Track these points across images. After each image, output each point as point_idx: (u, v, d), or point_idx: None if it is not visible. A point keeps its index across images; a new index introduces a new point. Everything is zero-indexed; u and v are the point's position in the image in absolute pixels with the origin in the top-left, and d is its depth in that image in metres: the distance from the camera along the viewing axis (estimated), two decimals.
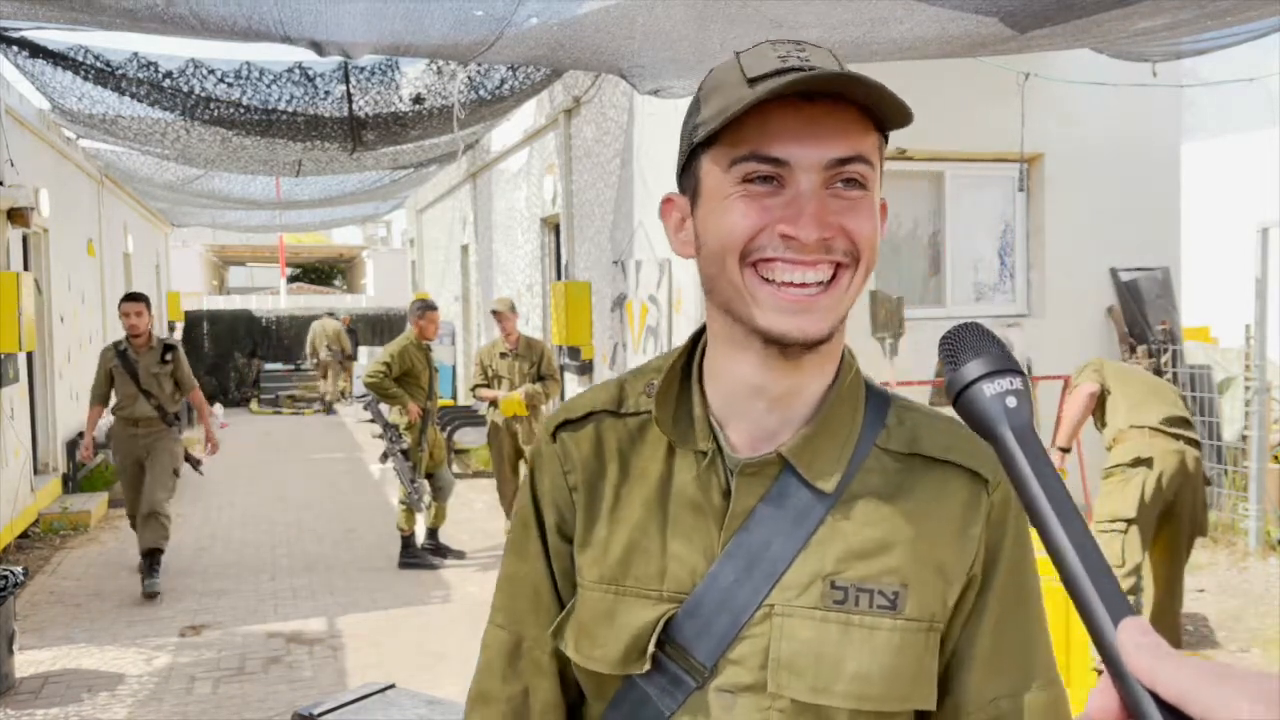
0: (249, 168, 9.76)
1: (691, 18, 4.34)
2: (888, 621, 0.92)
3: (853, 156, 0.89)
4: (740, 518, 0.95)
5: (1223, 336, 9.38)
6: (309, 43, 4.82)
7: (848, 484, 0.96)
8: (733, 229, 0.90)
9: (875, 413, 1.00)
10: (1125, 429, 4.41)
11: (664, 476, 0.99)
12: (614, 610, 0.97)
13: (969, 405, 0.67)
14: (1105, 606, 0.55)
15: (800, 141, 0.88)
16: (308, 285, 33.40)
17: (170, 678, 4.93)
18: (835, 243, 0.89)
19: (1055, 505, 0.59)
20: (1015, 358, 0.69)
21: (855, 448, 0.97)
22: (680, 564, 0.96)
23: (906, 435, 0.99)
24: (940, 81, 6.82)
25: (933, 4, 3.91)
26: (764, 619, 0.93)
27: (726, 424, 0.98)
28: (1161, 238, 7.75)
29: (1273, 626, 5.22)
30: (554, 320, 8.82)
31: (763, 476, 0.95)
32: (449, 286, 15.53)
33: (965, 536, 0.95)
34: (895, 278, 7.35)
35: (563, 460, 1.03)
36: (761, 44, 0.93)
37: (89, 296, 10.68)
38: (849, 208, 0.90)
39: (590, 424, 1.03)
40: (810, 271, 0.89)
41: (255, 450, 12.88)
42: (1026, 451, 0.63)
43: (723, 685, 0.93)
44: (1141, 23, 4.38)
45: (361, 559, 7.15)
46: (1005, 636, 0.96)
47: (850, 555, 0.93)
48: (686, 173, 0.97)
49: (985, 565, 0.96)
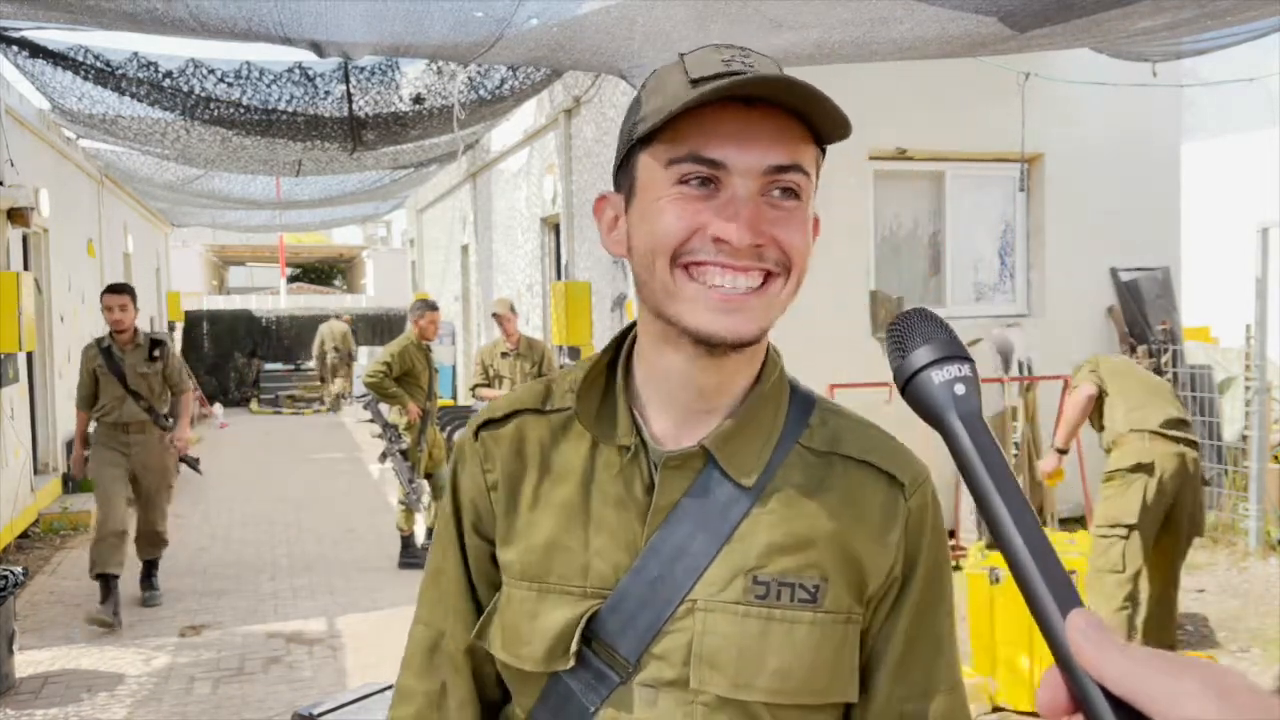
0: (249, 168, 9.76)
1: (691, 18, 4.34)
2: (808, 615, 0.93)
3: (790, 165, 0.90)
4: (664, 512, 0.95)
5: (1223, 336, 9.38)
6: (309, 44, 4.82)
7: (769, 480, 0.96)
8: (666, 230, 0.90)
9: (799, 412, 1.01)
10: (1125, 433, 4.38)
11: (586, 472, 0.99)
12: (538, 608, 0.97)
13: (916, 393, 0.66)
14: (1053, 596, 0.54)
15: (739, 145, 0.88)
16: (308, 285, 33.39)
17: (170, 678, 4.93)
18: (767, 251, 0.90)
19: (1003, 494, 0.58)
20: (962, 342, 0.68)
21: (777, 445, 0.98)
22: (603, 559, 0.96)
23: (828, 435, 1.00)
24: (940, 81, 6.82)
25: (932, 4, 3.91)
26: (687, 614, 0.93)
27: (651, 419, 0.99)
28: (1161, 238, 7.75)
29: (1273, 626, 5.22)
30: (554, 320, 8.81)
31: (686, 470, 0.96)
32: (449, 286, 15.53)
33: (883, 539, 0.96)
34: (895, 278, 7.35)
35: (483, 459, 1.04)
36: (706, 47, 0.93)
37: (89, 296, 10.68)
38: (783, 218, 0.91)
39: (513, 422, 1.04)
40: (741, 277, 0.90)
41: (255, 450, 12.89)
42: (975, 440, 0.62)
43: (646, 680, 0.94)
44: (1141, 22, 4.38)
45: (361, 559, 7.15)
46: (917, 641, 0.97)
47: (772, 550, 0.94)
48: (623, 170, 0.97)
49: (904, 570, 0.97)
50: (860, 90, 6.75)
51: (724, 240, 0.88)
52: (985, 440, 0.61)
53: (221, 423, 15.50)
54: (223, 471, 11.07)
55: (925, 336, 0.67)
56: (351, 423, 15.34)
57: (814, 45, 4.66)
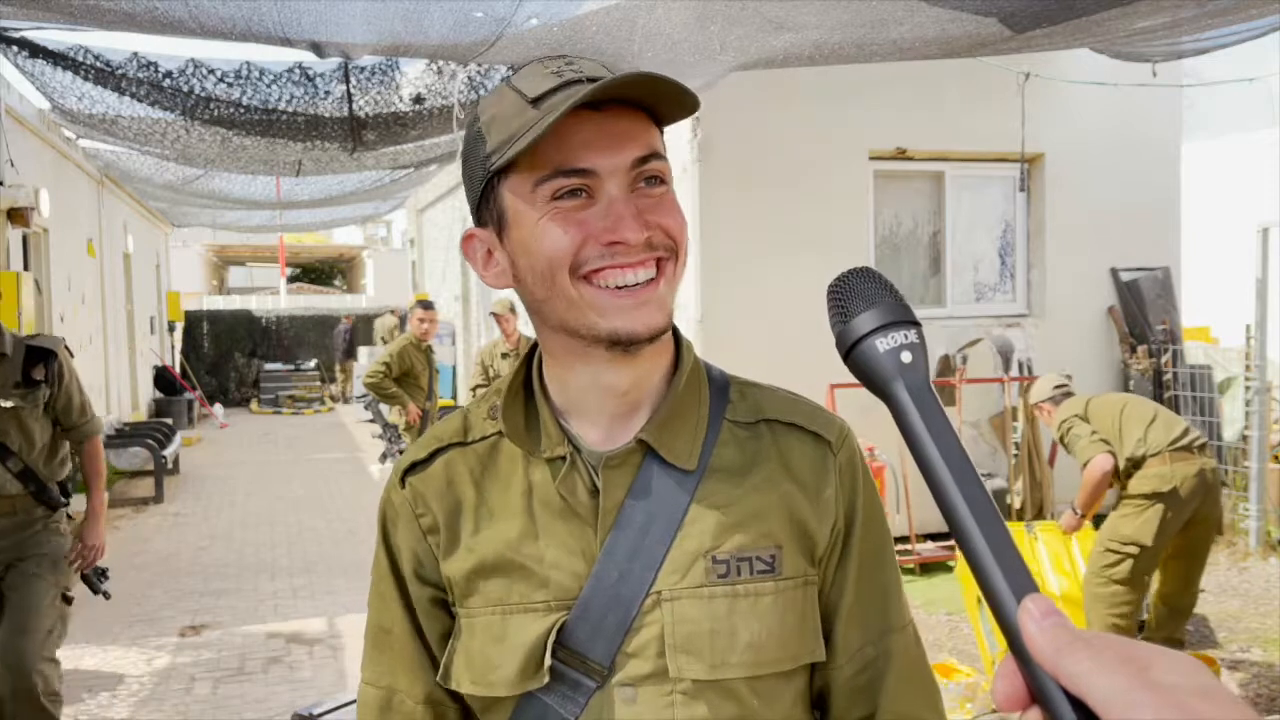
0: (249, 168, 9.75)
1: (691, 18, 4.34)
2: (770, 585, 0.96)
3: (650, 154, 0.92)
4: (612, 512, 0.96)
5: (1223, 336, 9.38)
6: (308, 44, 4.82)
7: (708, 460, 0.99)
8: (555, 247, 0.91)
9: (718, 390, 1.04)
10: (1140, 458, 4.26)
11: (526, 491, 0.99)
12: (504, 630, 0.96)
13: (860, 362, 0.62)
14: (1006, 580, 0.50)
15: (601, 150, 0.90)
16: (308, 285, 33.40)
17: (170, 678, 4.93)
18: (655, 239, 0.92)
19: (952, 468, 0.55)
20: (909, 306, 0.64)
21: (707, 426, 1.00)
22: (561, 571, 0.96)
23: (751, 406, 1.03)
24: (940, 81, 6.82)
25: (932, 5, 3.91)
26: (654, 607, 0.94)
27: (580, 426, 1.00)
28: (1161, 238, 7.75)
29: (1273, 627, 5.22)
30: None
31: (627, 466, 0.97)
32: (449, 286, 15.53)
33: (820, 497, 0.99)
34: (895, 278, 7.31)
35: (414, 505, 1.03)
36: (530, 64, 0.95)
37: (89, 296, 10.68)
38: (657, 204, 0.93)
39: (438, 460, 1.03)
40: (641, 270, 0.92)
41: (255, 450, 12.89)
42: (923, 411, 0.58)
43: (623, 680, 0.94)
44: (1141, 22, 4.38)
45: (362, 559, 7.15)
46: (866, 587, 1.01)
47: (725, 528, 0.96)
48: (484, 204, 0.97)
49: (845, 523, 1.01)
50: (860, 90, 6.75)
51: (619, 242, 0.90)
52: (934, 413, 0.58)
53: (221, 423, 15.50)
54: (223, 471, 11.08)
55: (869, 300, 0.63)
56: (352, 423, 15.35)
57: (813, 46, 4.66)
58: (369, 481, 10.35)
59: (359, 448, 12.78)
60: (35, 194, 7.46)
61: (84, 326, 10.42)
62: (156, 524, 8.47)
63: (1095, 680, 0.43)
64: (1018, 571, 0.51)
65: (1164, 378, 7.43)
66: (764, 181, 6.61)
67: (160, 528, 8.31)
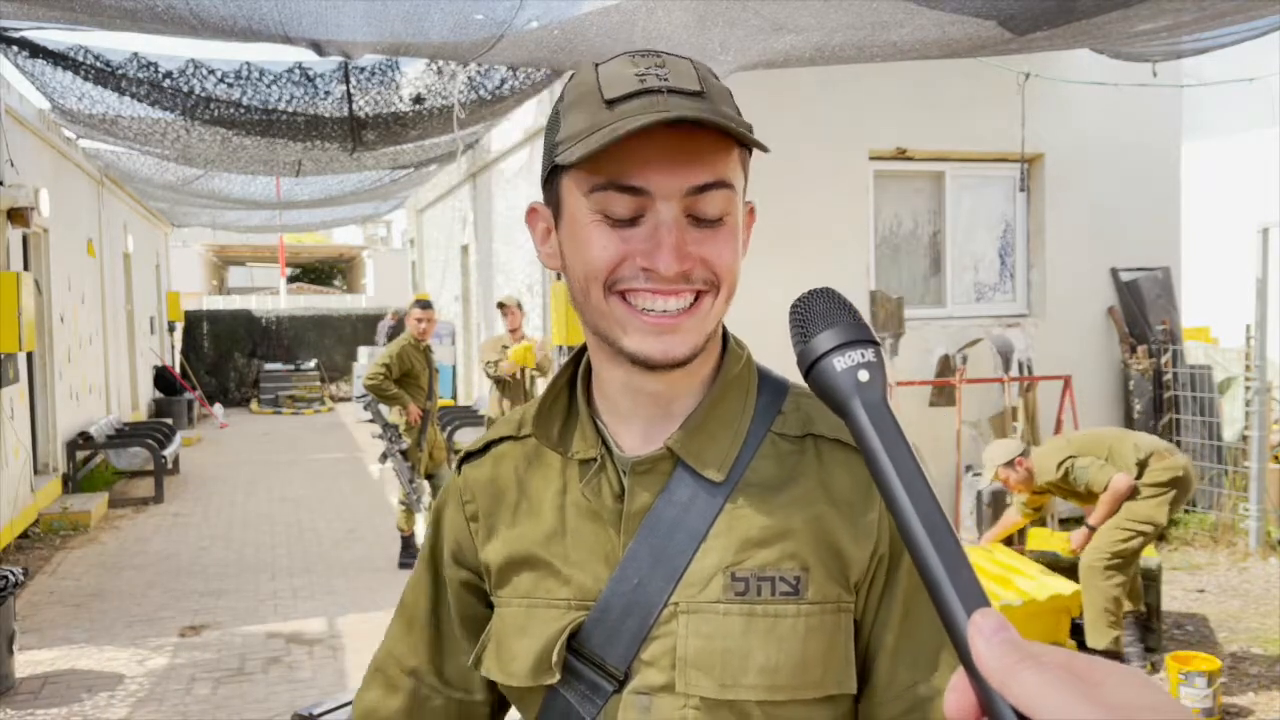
0: (249, 168, 9.75)
1: (692, 20, 4.34)
2: (791, 608, 0.92)
3: (713, 183, 0.88)
4: (637, 518, 0.95)
5: (1223, 336, 9.38)
6: (309, 43, 4.82)
7: (743, 473, 0.95)
8: (594, 260, 0.90)
9: (770, 400, 1.00)
10: (1144, 460, 4.64)
11: (561, 490, 1.00)
12: (527, 623, 0.98)
13: (819, 380, 0.64)
14: (958, 594, 0.51)
15: (659, 170, 0.87)
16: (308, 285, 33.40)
17: (170, 678, 4.93)
18: (695, 273, 0.89)
19: (907, 484, 0.56)
20: (868, 325, 0.66)
21: (747, 436, 0.97)
22: (583, 572, 0.96)
23: (801, 419, 0.98)
24: (940, 81, 6.82)
25: (932, 7, 3.91)
26: (670, 618, 0.92)
27: (617, 428, 0.99)
28: (1161, 238, 7.75)
29: (1273, 627, 5.23)
30: (554, 320, 8.82)
31: (655, 474, 0.95)
32: (449, 286, 15.52)
33: (860, 519, 0.94)
34: (895, 278, 7.35)
35: (463, 491, 1.06)
36: (620, 56, 0.92)
37: (89, 296, 10.68)
38: (708, 237, 0.90)
39: (490, 452, 1.06)
40: (672, 300, 0.90)
41: (255, 450, 12.89)
42: (879, 428, 0.59)
43: (638, 688, 0.93)
44: (1141, 25, 4.38)
45: (361, 559, 7.15)
46: (915, 620, 0.95)
47: (749, 544, 0.93)
48: (549, 186, 0.96)
49: (890, 548, 0.95)
50: (860, 90, 6.75)
51: (652, 270, 0.88)
52: (890, 430, 0.59)
53: (221, 423, 15.51)
54: (223, 471, 11.08)
55: (828, 320, 0.65)
56: (352, 423, 15.35)
57: (814, 48, 4.66)
58: (369, 481, 10.34)
59: (359, 448, 12.78)
60: (35, 194, 7.46)
61: (84, 326, 10.42)
62: (156, 524, 8.47)
63: (1043, 698, 0.43)
64: (970, 586, 0.51)
65: (1164, 378, 7.43)
66: (764, 181, 6.61)
67: (160, 528, 8.31)
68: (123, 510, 9.02)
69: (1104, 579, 4.50)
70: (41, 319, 8.52)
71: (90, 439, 9.58)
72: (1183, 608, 5.55)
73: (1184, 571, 6.27)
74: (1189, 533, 6.92)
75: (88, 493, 9.22)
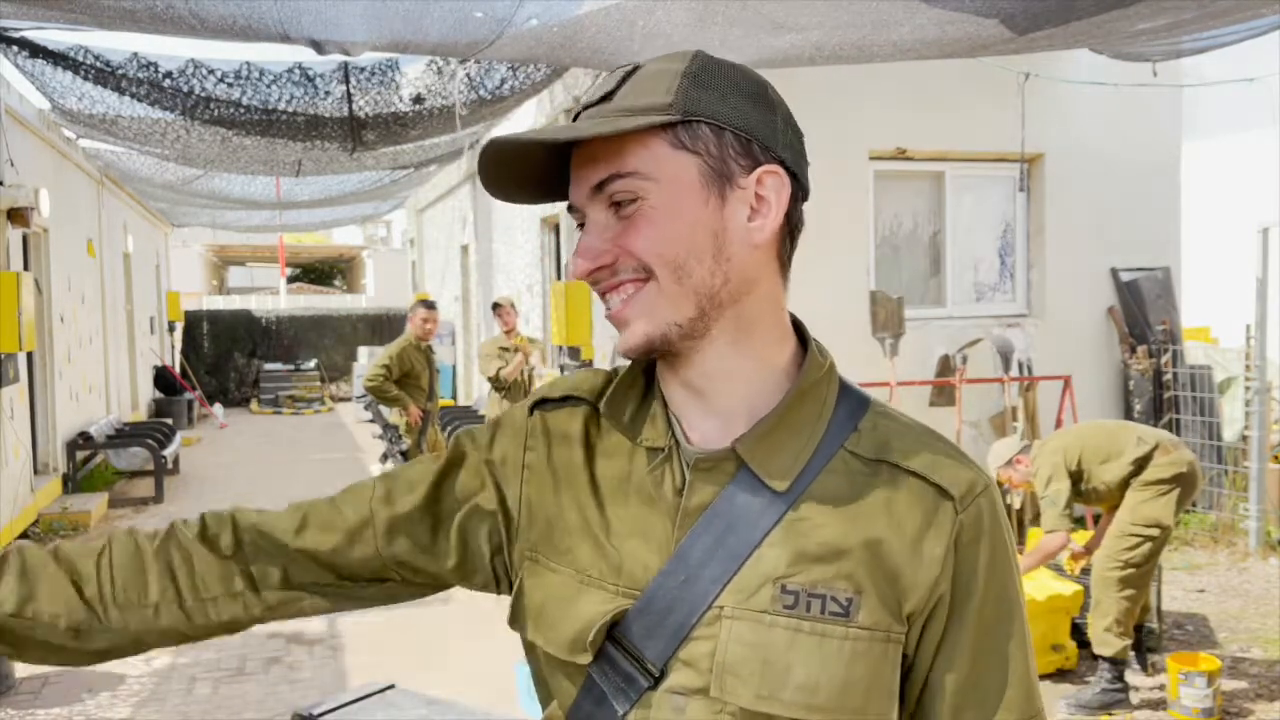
0: (249, 168, 9.75)
1: (692, 19, 4.34)
2: (839, 630, 0.89)
3: (608, 177, 0.90)
4: (694, 515, 0.93)
5: (1223, 336, 9.38)
6: (308, 41, 4.82)
7: (807, 485, 0.93)
8: None
9: (847, 414, 0.97)
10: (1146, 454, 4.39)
11: (624, 470, 0.98)
12: (576, 596, 0.96)
13: None
14: None
15: (575, 182, 0.94)
16: (308, 285, 33.42)
17: (170, 678, 4.93)
18: (620, 264, 0.92)
19: None
20: None
21: (818, 448, 0.94)
22: (634, 560, 0.94)
23: (877, 441, 0.95)
24: (940, 81, 6.82)
25: (933, 6, 3.91)
26: (714, 621, 0.91)
27: (685, 419, 0.98)
28: (1161, 238, 7.75)
29: (1273, 627, 5.23)
30: (554, 320, 8.81)
31: (717, 473, 0.94)
32: (449, 286, 15.53)
33: (920, 548, 0.91)
34: (895, 278, 7.35)
35: (529, 434, 1.04)
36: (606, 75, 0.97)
37: (89, 296, 10.68)
38: (627, 226, 0.91)
39: (565, 408, 1.04)
40: (614, 296, 0.93)
41: (255, 450, 12.89)
42: None
43: (674, 687, 0.91)
44: (1141, 24, 4.38)
45: None
46: (982, 666, 0.92)
47: (804, 558, 0.90)
48: None
49: (956, 588, 0.92)
50: (860, 90, 6.75)
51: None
52: None
53: (221, 423, 15.51)
54: (223, 471, 11.08)
55: None
56: (352, 423, 15.34)
57: (814, 47, 4.66)
58: None
59: (359, 448, 12.78)
60: (35, 194, 7.46)
61: (84, 326, 10.42)
62: (156, 524, 8.40)
63: None
64: None
65: (1164, 378, 7.43)
66: None
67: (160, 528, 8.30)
68: (123, 510, 9.02)
69: (1117, 590, 4.29)
70: (41, 319, 8.52)
71: (90, 439, 9.58)
72: (1183, 608, 5.55)
73: (1184, 571, 6.27)
74: (1189, 533, 6.92)
75: (88, 493, 9.22)
